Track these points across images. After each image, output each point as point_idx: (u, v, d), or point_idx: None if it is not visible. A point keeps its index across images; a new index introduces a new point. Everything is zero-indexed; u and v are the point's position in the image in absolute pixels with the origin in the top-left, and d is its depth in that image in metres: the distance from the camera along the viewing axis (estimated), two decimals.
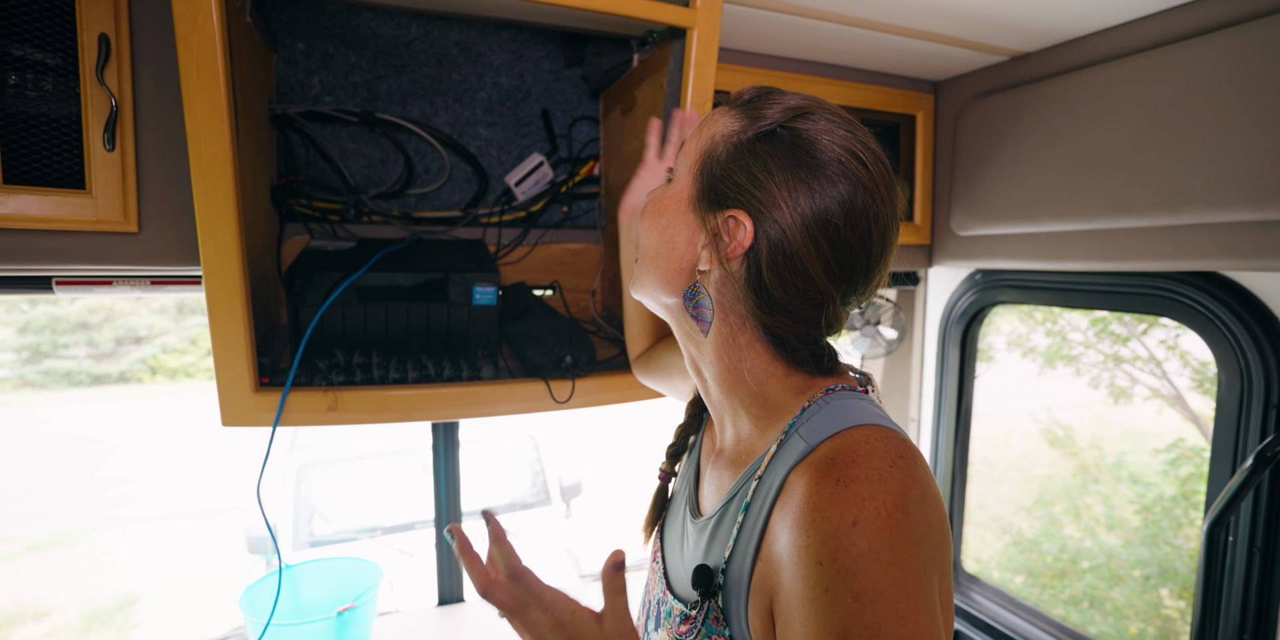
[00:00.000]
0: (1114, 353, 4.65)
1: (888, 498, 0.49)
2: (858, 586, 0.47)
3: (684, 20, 0.98)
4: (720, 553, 0.61)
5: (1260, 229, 1.00)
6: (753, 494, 0.59)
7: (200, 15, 0.76)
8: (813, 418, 0.58)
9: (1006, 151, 1.40)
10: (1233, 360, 1.15)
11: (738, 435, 0.67)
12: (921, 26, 1.28)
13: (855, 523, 0.48)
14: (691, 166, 0.63)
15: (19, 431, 7.96)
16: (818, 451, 0.55)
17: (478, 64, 1.30)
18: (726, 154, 0.60)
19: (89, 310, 9.68)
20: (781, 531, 0.53)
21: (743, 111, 0.61)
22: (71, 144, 0.86)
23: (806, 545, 0.49)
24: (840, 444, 0.54)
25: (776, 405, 0.63)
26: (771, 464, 0.59)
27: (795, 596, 0.50)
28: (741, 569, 0.58)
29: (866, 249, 0.59)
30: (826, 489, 0.51)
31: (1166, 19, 1.13)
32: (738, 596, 0.58)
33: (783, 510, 0.54)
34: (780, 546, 0.53)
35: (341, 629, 1.35)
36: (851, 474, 0.51)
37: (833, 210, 0.56)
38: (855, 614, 0.46)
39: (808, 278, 0.58)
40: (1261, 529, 1.13)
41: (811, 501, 0.51)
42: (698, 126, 0.66)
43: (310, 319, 0.96)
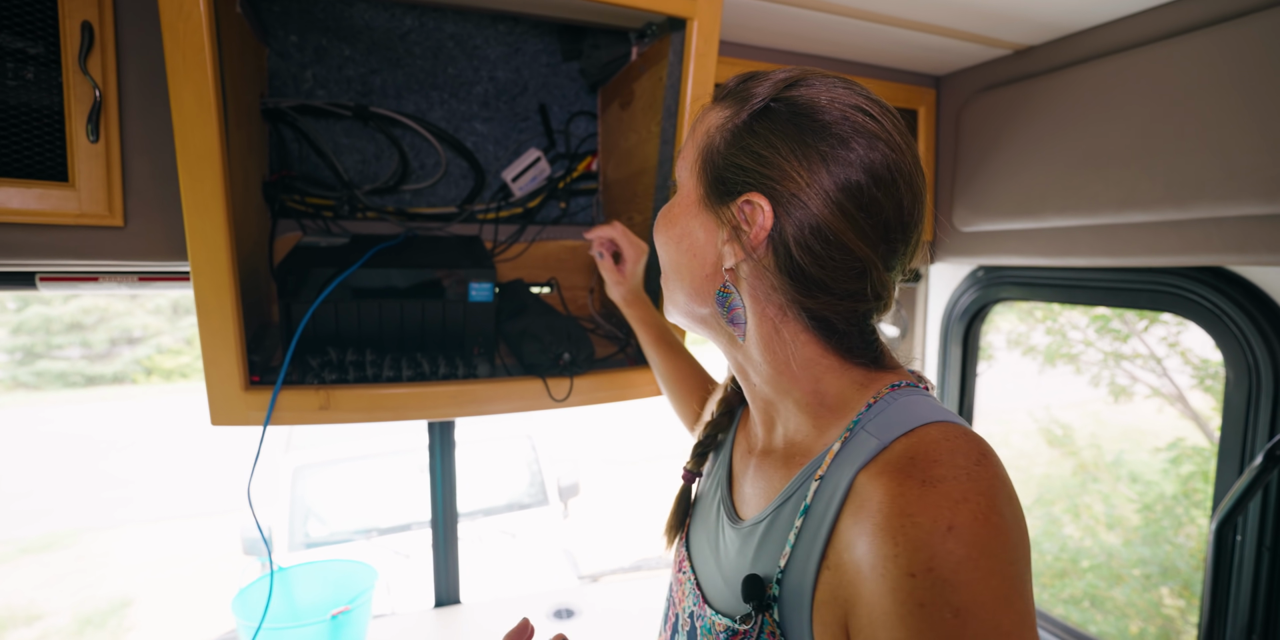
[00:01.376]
0: (1114, 350, 4.65)
1: (981, 500, 0.45)
2: (957, 600, 0.42)
3: (684, 11, 0.96)
4: (773, 561, 0.56)
5: (1270, 223, 0.99)
6: (813, 496, 0.54)
7: (186, 3, 0.74)
8: (881, 414, 0.54)
9: (1010, 146, 1.38)
10: (1240, 357, 1.14)
11: (789, 434, 0.62)
12: (924, 19, 1.26)
13: (950, 528, 0.44)
14: (692, 166, 0.61)
15: (12, 433, 7.91)
16: (891, 450, 0.50)
17: (474, 57, 1.28)
18: (724, 142, 0.58)
19: (83, 311, 9.63)
20: (859, 538, 0.48)
21: (731, 100, 0.59)
22: (54, 135, 0.83)
23: (895, 555, 0.44)
24: (917, 442, 0.50)
25: (836, 402, 0.58)
26: (836, 463, 0.54)
27: (882, 613, 0.45)
28: (803, 579, 0.52)
29: (898, 204, 0.55)
30: (912, 491, 0.46)
31: (1173, 11, 1.11)
32: (798, 609, 0.52)
33: (857, 515, 0.49)
34: (858, 555, 0.47)
35: (335, 632, 1.33)
36: (937, 474, 0.46)
37: (852, 171, 0.53)
38: (955, 632, 0.42)
39: (842, 247, 0.54)
40: (1270, 528, 1.11)
41: (897, 505, 0.46)
42: (691, 130, 0.64)
43: (302, 316, 0.93)
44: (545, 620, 1.59)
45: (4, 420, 8.34)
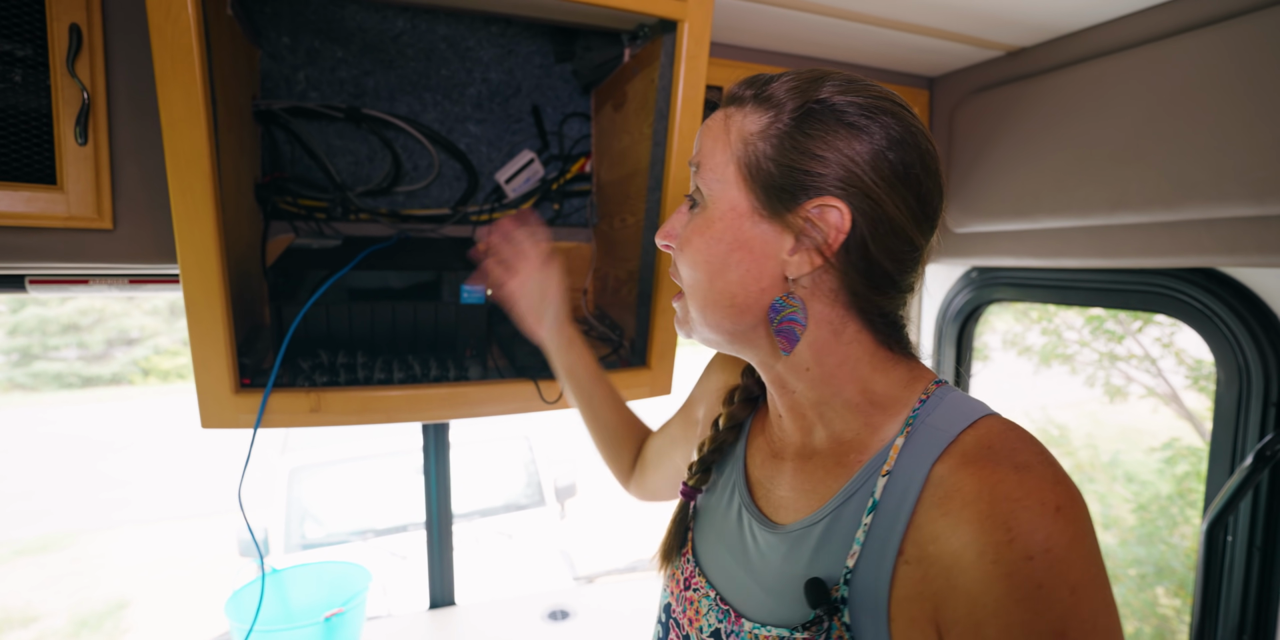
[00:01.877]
0: (1109, 351, 4.66)
1: (1068, 481, 0.48)
2: (1073, 578, 0.44)
3: (674, 13, 0.96)
4: (838, 561, 0.54)
5: (1260, 224, 0.99)
6: (883, 491, 0.53)
7: (174, 6, 0.74)
8: (936, 409, 0.55)
9: (1002, 147, 1.38)
10: (1231, 358, 1.14)
11: (836, 433, 0.60)
12: (916, 21, 1.26)
13: (1059, 508, 0.45)
14: (732, 178, 0.57)
15: (9, 434, 7.89)
16: (962, 442, 0.51)
17: (466, 59, 1.28)
18: (773, 148, 0.55)
19: (79, 312, 9.61)
20: (954, 529, 0.47)
21: (757, 104, 0.56)
22: (42, 138, 0.83)
23: (1009, 540, 0.45)
24: (986, 434, 0.51)
25: (886, 400, 0.58)
26: (903, 457, 0.53)
27: (993, 599, 0.45)
28: (878, 576, 0.51)
29: (940, 191, 0.57)
30: (1010, 477, 0.47)
31: (1165, 12, 1.12)
32: (873, 608, 0.51)
33: (945, 506, 0.49)
34: (955, 546, 0.47)
35: (329, 634, 1.33)
36: (1024, 461, 0.48)
37: (905, 158, 0.54)
38: (1073, 608, 0.43)
39: (906, 237, 0.55)
40: (1261, 528, 1.11)
41: (999, 492, 0.46)
42: (702, 140, 0.60)
43: (293, 318, 0.93)
44: (540, 622, 1.59)
45: (1, 422, 8.32)
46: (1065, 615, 0.43)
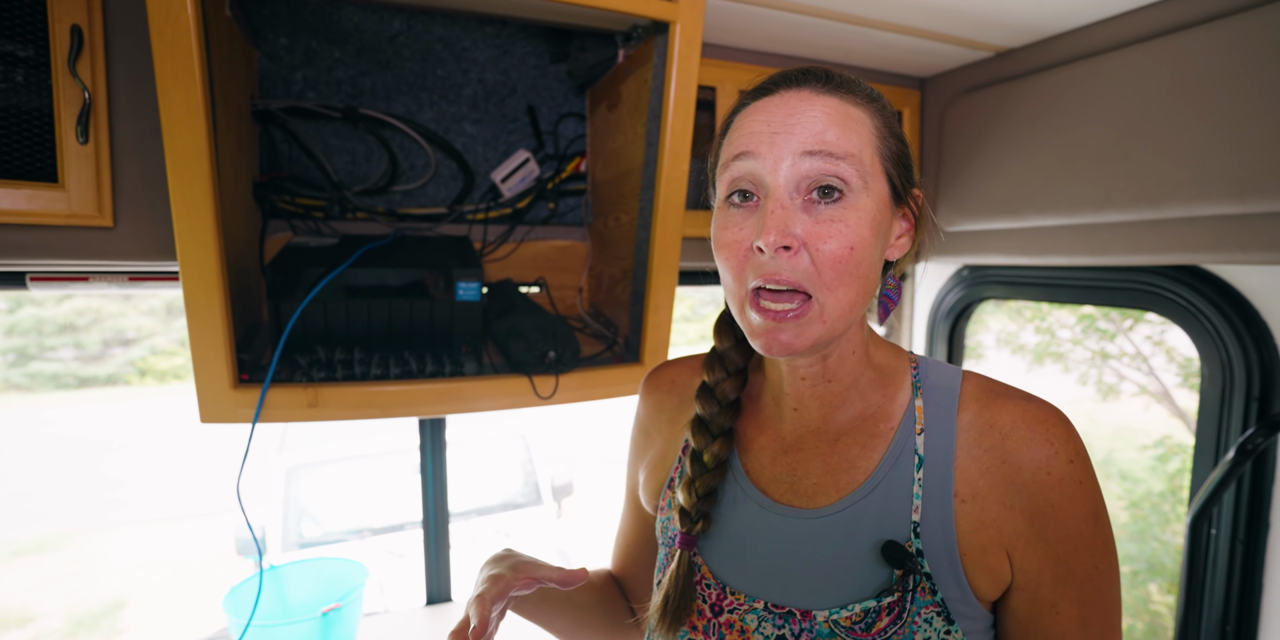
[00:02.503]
0: (1100, 349, 4.69)
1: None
2: (1090, 469, 0.57)
3: (666, 14, 0.98)
4: (904, 519, 0.58)
5: (1241, 222, 1.01)
6: (925, 446, 0.60)
7: (174, 7, 0.75)
8: (929, 372, 0.64)
9: (992, 147, 1.40)
10: (1215, 354, 1.16)
11: (862, 410, 0.64)
12: (907, 22, 1.28)
13: (1066, 421, 0.58)
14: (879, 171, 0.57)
15: (5, 435, 7.88)
16: (966, 392, 0.61)
17: (462, 60, 1.29)
18: (897, 141, 0.60)
19: (76, 312, 9.59)
20: (1001, 460, 0.57)
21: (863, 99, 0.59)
22: (43, 137, 0.85)
23: (1054, 452, 0.56)
24: (978, 381, 0.62)
25: (889, 370, 0.65)
26: (928, 415, 0.61)
27: (1048, 503, 0.55)
28: (944, 522, 0.57)
29: None
30: (1029, 406, 0.58)
31: (1149, 14, 1.13)
32: (947, 551, 0.57)
33: (983, 443, 0.58)
34: (1007, 472, 0.56)
35: (326, 629, 1.34)
36: (1023, 394, 0.60)
37: None
38: (1094, 491, 0.56)
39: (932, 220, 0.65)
40: (1244, 521, 1.13)
41: (1029, 416, 0.57)
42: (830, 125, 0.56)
43: (291, 314, 0.94)
44: None
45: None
46: (1094, 498, 0.56)
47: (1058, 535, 0.55)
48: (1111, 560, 0.57)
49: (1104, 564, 0.56)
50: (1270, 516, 1.13)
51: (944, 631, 0.57)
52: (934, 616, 0.57)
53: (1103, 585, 0.56)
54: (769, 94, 0.59)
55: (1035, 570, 0.56)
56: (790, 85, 0.58)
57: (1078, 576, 0.55)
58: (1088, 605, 0.56)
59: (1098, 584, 0.56)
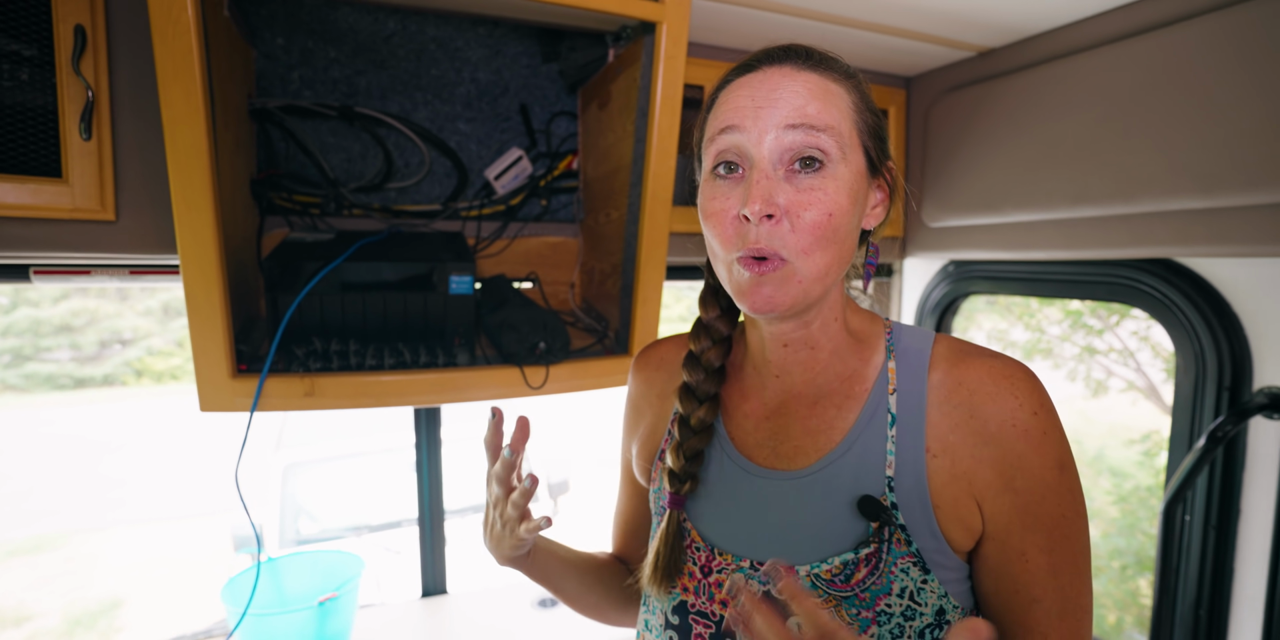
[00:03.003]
0: (1087, 345, 4.73)
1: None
2: (1055, 420, 0.59)
3: (653, 15, 1.01)
4: (878, 475, 0.61)
5: (1209, 216, 1.04)
6: (897, 406, 0.63)
7: (175, 8, 0.78)
8: (902, 336, 0.67)
9: (974, 144, 1.44)
10: (1188, 344, 1.19)
11: (839, 372, 0.67)
12: (893, 23, 1.31)
13: (1030, 375, 0.60)
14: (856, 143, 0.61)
15: (1, 436, 7.87)
16: (937, 353, 0.64)
17: (456, 59, 1.32)
18: (873, 116, 0.63)
19: (72, 313, 9.58)
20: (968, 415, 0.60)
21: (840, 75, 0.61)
22: (48, 133, 0.88)
23: (1019, 404, 0.58)
24: (949, 343, 0.65)
25: (865, 335, 0.69)
26: (901, 376, 0.64)
27: (1016, 455, 0.58)
28: (916, 473, 0.61)
29: None
30: (994, 363, 0.61)
31: (1120, 15, 1.17)
32: (918, 502, 0.60)
33: (951, 400, 0.61)
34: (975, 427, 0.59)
35: (323, 619, 1.37)
36: (991, 353, 0.63)
37: None
38: (1061, 441, 0.59)
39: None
40: (1216, 507, 1.17)
41: (995, 372, 0.60)
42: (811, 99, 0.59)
43: (288, 307, 0.97)
44: (530, 609, 1.63)
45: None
46: (1060, 448, 0.58)
47: (1025, 485, 0.58)
48: (1079, 509, 0.59)
49: (1070, 512, 0.58)
50: (1241, 503, 1.16)
51: (920, 581, 0.60)
52: (910, 567, 0.60)
53: (1070, 533, 0.58)
54: (752, 70, 0.61)
55: (1004, 519, 0.59)
56: (773, 62, 0.61)
57: (1045, 525, 0.58)
58: (1055, 553, 0.58)
59: (1065, 532, 0.58)
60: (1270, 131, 0.95)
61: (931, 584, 0.60)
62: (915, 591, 0.60)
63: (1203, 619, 1.18)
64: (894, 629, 0.59)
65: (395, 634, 1.53)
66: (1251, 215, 1.01)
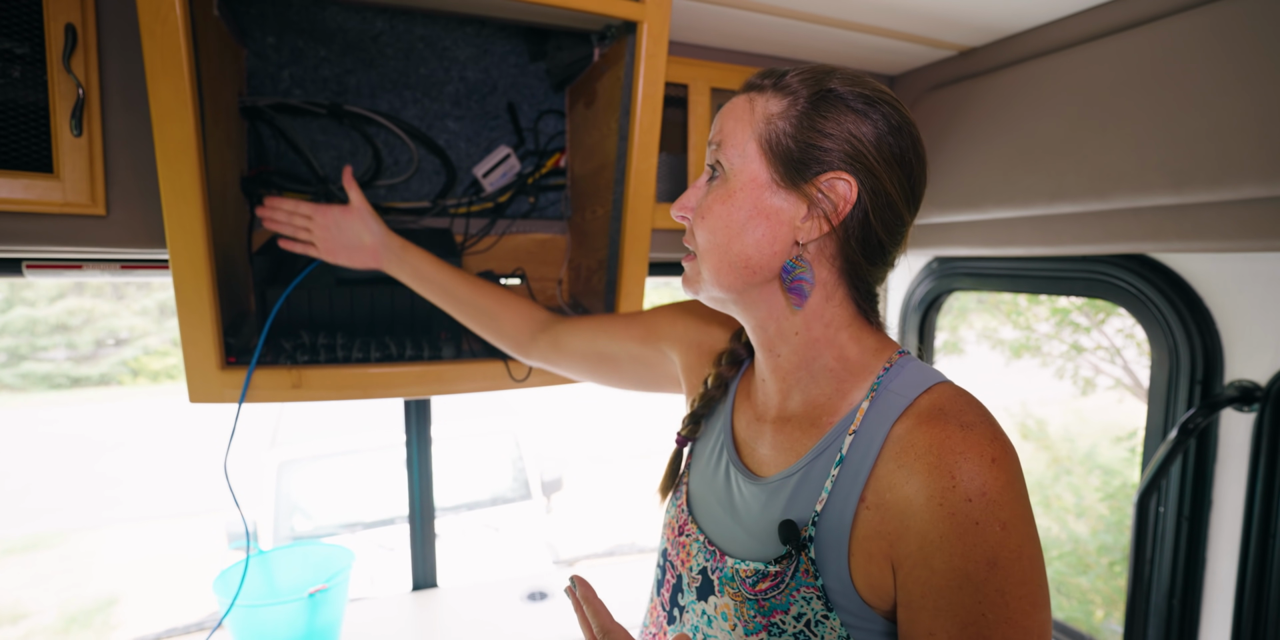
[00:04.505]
0: (1074, 342, 4.76)
1: (1004, 439, 0.57)
2: (1004, 516, 0.53)
3: (633, 14, 1.03)
4: (808, 507, 0.63)
5: (1179, 212, 1.07)
6: (850, 447, 0.61)
7: (163, 7, 0.80)
8: (898, 377, 0.63)
9: (956, 142, 1.46)
10: (1162, 338, 1.21)
11: (811, 398, 0.68)
12: (875, 22, 1.33)
13: (994, 460, 0.54)
14: (754, 153, 0.63)
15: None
16: (918, 405, 0.59)
17: (444, 58, 1.34)
18: (792, 126, 0.62)
19: (68, 312, 9.57)
20: (908, 478, 0.56)
21: (773, 92, 0.64)
22: (39, 129, 0.89)
23: (953, 486, 0.54)
24: (939, 398, 0.60)
25: (857, 366, 0.66)
26: (868, 419, 0.62)
27: (939, 535, 0.54)
28: (841, 518, 0.60)
29: (923, 166, 0.66)
30: (956, 434, 0.56)
31: (1098, 14, 1.19)
32: (836, 545, 0.60)
33: (901, 459, 0.57)
34: (909, 492, 0.56)
35: (313, 610, 1.38)
36: (969, 421, 0.57)
37: (899, 140, 0.62)
38: (1003, 540, 0.53)
39: (898, 212, 0.64)
40: (1189, 499, 1.19)
41: (946, 446, 0.55)
42: (722, 120, 0.66)
43: (276, 300, 0.99)
44: (519, 602, 1.65)
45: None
46: (996, 546, 0.53)
47: (943, 568, 0.54)
48: (1010, 615, 0.52)
49: (995, 615, 0.52)
50: (1213, 494, 1.18)
51: (821, 615, 0.61)
52: (814, 598, 0.61)
53: (972, 631, 0.53)
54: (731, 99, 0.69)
55: (917, 594, 0.56)
56: (741, 90, 0.68)
57: (959, 617, 0.53)
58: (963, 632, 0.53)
59: (984, 633, 0.52)
60: (1239, 129, 0.97)
61: (832, 621, 0.60)
62: (813, 622, 0.61)
63: (1175, 608, 1.21)
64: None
65: (386, 626, 1.55)
66: (1221, 211, 1.03)
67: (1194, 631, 1.20)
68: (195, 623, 1.62)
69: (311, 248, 1.00)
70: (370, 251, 1.00)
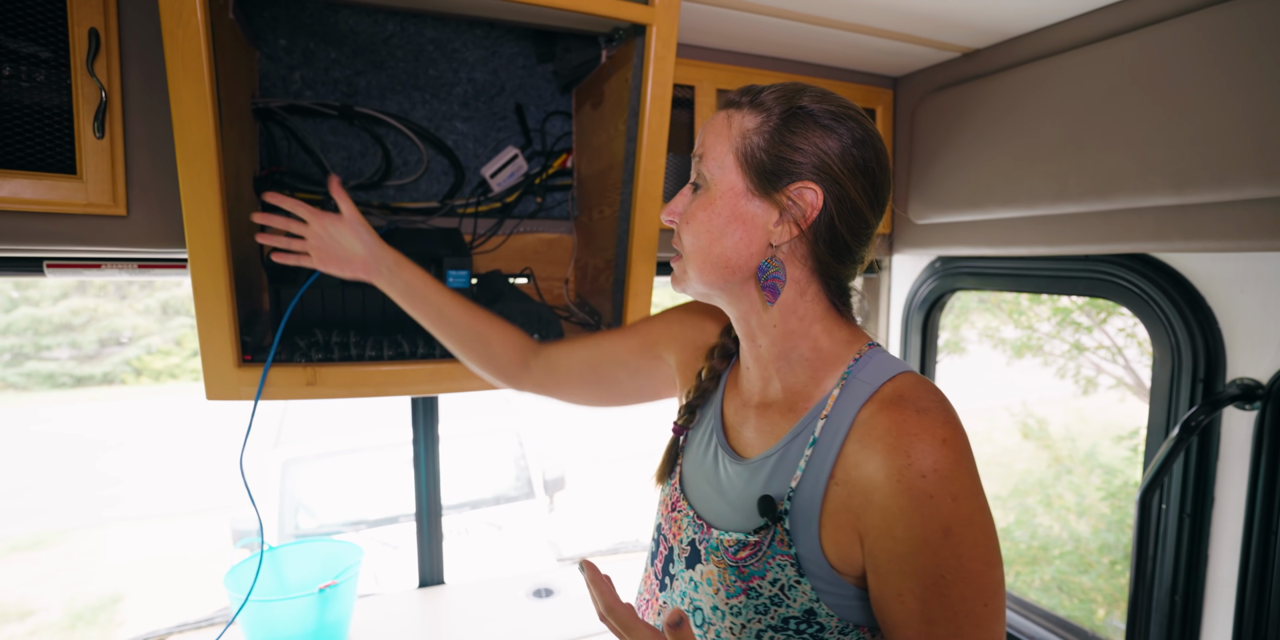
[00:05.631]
0: (1076, 341, 4.78)
1: (955, 422, 0.63)
2: (954, 489, 0.60)
3: (642, 17, 1.04)
4: (785, 484, 0.70)
5: (1180, 212, 1.08)
6: (821, 430, 0.69)
7: (185, 11, 0.81)
8: (866, 366, 0.70)
9: (959, 143, 1.47)
10: (1164, 337, 1.23)
11: (789, 386, 0.75)
12: (879, 25, 1.35)
13: (945, 440, 0.61)
14: (731, 165, 0.71)
15: (1, 433, 7.90)
16: (882, 392, 0.66)
17: (453, 60, 1.36)
18: (765, 141, 0.69)
19: (72, 312, 9.60)
20: (870, 457, 0.63)
21: (750, 109, 0.70)
22: (63, 132, 0.91)
23: (908, 463, 0.60)
24: (901, 385, 0.67)
25: (829, 356, 0.73)
26: (838, 404, 0.69)
27: (898, 507, 0.60)
28: (813, 494, 0.67)
29: (887, 174, 0.72)
30: (911, 418, 0.62)
31: (1100, 17, 1.21)
32: (808, 518, 0.67)
33: (864, 440, 0.64)
34: (871, 470, 0.63)
35: (323, 606, 1.40)
36: (925, 405, 0.64)
37: (863, 152, 0.68)
38: (955, 510, 0.59)
39: (863, 216, 0.70)
40: (1191, 496, 1.20)
41: (902, 428, 0.62)
42: (705, 135, 0.74)
43: (290, 299, 1.01)
44: (525, 599, 1.66)
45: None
46: (949, 516, 0.59)
47: (904, 536, 0.60)
48: (966, 575, 0.59)
49: (952, 576, 0.59)
50: (1215, 492, 1.19)
51: (794, 580, 0.68)
52: (788, 565, 0.68)
53: (950, 595, 0.60)
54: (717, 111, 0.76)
55: (884, 560, 0.62)
56: (721, 106, 0.75)
57: (922, 579, 0.60)
58: (930, 604, 0.60)
59: (943, 591, 0.60)
60: (1238, 130, 0.98)
61: (804, 586, 0.67)
62: (787, 586, 0.68)
63: (1178, 604, 1.22)
64: (760, 605, 0.70)
65: (394, 622, 1.56)
66: (1222, 211, 1.05)
67: (1196, 627, 1.22)
68: (205, 619, 1.64)
69: (305, 257, 0.97)
70: (361, 263, 0.97)
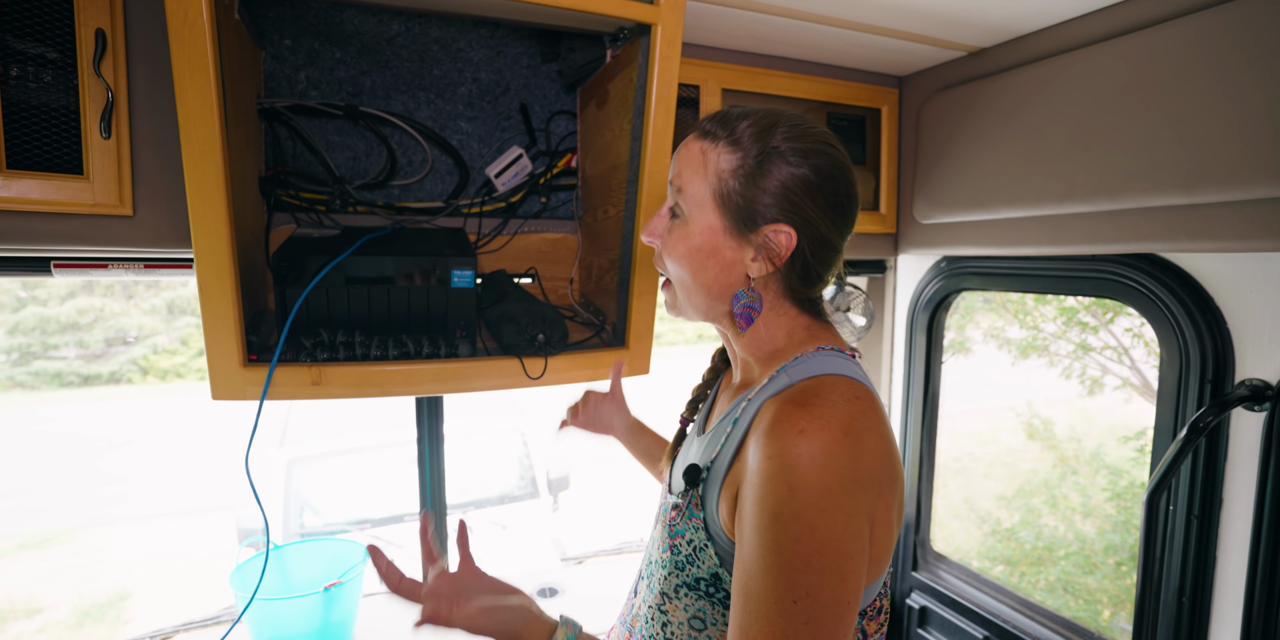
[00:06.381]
0: (1082, 341, 4.75)
1: (834, 421, 0.64)
2: (792, 479, 0.62)
3: (648, 17, 1.04)
4: (708, 455, 0.78)
5: (1190, 212, 1.07)
6: (741, 413, 0.76)
7: (191, 12, 0.82)
8: (802, 364, 0.74)
9: (965, 142, 1.47)
10: (1172, 338, 1.22)
11: (746, 377, 0.84)
12: (885, 23, 1.34)
13: (801, 431, 0.64)
14: (711, 204, 0.76)
15: (9, 432, 7.95)
16: (794, 387, 0.71)
17: (458, 60, 1.36)
18: (740, 184, 0.74)
19: (79, 311, 9.66)
20: (752, 441, 0.69)
21: (727, 145, 0.75)
22: (70, 132, 0.92)
23: (764, 444, 0.65)
24: (814, 383, 0.70)
25: (781, 354, 0.79)
26: (759, 394, 0.75)
27: (750, 485, 0.66)
28: (721, 467, 0.74)
29: (855, 199, 0.77)
30: (789, 410, 0.66)
31: (1108, 15, 1.20)
32: (714, 487, 0.74)
33: (756, 427, 0.69)
34: (751, 449, 0.68)
35: (329, 605, 1.41)
36: (812, 402, 0.67)
37: (838, 193, 0.74)
38: (787, 499, 0.62)
39: (832, 245, 0.77)
40: (1199, 497, 1.19)
41: (776, 417, 0.66)
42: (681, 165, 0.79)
43: (296, 299, 1.01)
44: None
45: (1, 419, 8.37)
46: (780, 502, 0.62)
47: (748, 511, 0.66)
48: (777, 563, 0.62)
49: (768, 560, 0.62)
50: (1223, 493, 1.19)
51: (703, 543, 0.75)
52: (700, 528, 0.76)
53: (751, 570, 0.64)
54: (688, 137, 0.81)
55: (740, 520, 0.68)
56: (692, 132, 0.80)
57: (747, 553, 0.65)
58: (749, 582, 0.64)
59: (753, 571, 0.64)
60: (1247, 130, 0.98)
61: (710, 551, 0.74)
62: (699, 548, 0.76)
63: (1185, 606, 1.22)
64: (678, 563, 0.78)
65: (399, 621, 1.57)
66: (1231, 211, 1.04)
67: (1204, 629, 1.21)
68: (211, 617, 1.64)
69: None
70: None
